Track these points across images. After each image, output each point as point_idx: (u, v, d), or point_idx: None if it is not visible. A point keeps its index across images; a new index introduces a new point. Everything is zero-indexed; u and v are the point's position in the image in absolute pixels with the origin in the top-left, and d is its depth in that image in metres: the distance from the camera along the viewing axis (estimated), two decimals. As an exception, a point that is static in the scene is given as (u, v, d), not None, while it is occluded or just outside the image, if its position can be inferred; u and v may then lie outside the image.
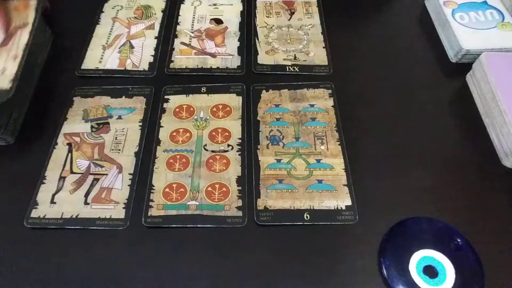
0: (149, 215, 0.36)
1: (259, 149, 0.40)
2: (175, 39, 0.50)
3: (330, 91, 0.44)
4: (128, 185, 0.38)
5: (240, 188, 0.37)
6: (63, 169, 0.39)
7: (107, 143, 0.41)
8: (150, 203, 0.37)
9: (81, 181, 0.38)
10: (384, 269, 0.33)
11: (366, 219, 0.36)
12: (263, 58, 0.47)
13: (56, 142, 0.41)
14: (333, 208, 0.36)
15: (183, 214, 0.36)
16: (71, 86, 0.45)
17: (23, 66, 0.41)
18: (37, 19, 0.44)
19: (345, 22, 0.51)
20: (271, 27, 0.50)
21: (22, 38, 0.42)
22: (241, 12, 0.52)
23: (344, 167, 0.38)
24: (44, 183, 0.38)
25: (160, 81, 0.46)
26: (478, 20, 0.47)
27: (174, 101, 0.44)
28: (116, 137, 0.41)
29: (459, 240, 0.34)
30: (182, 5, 0.53)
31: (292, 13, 0.52)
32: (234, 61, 0.47)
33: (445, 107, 0.43)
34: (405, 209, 0.36)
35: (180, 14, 0.52)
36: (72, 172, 0.39)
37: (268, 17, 0.52)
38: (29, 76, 0.44)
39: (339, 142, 0.40)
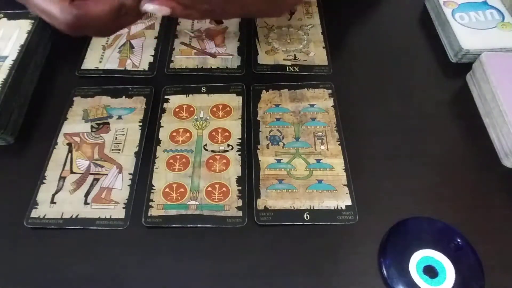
0: (149, 215, 0.36)
1: (259, 149, 0.40)
2: (175, 39, 0.50)
3: (330, 91, 0.44)
4: (128, 185, 0.38)
5: (240, 188, 0.37)
6: (63, 169, 0.39)
7: (107, 143, 0.41)
8: (150, 203, 0.37)
9: (81, 181, 0.38)
10: (384, 269, 0.33)
11: (366, 219, 0.36)
12: (263, 58, 0.47)
13: (56, 142, 0.41)
14: (333, 208, 0.36)
15: (183, 214, 0.36)
16: (71, 86, 0.45)
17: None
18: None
19: (345, 22, 0.51)
20: (271, 27, 0.50)
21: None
22: (241, 12, 0.52)
23: (344, 167, 0.38)
24: (44, 183, 0.38)
25: (160, 81, 0.46)
26: (478, 20, 0.47)
27: (174, 101, 0.44)
28: (116, 137, 0.41)
29: (459, 240, 0.34)
30: (182, 5, 0.53)
31: (292, 13, 0.52)
32: (234, 61, 0.47)
33: (445, 107, 0.43)
34: (405, 209, 0.36)
35: (180, 14, 0.52)
36: (72, 172, 0.39)
37: (268, 17, 0.52)
38: (28, 76, 0.45)
39: (339, 142, 0.40)
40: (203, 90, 0.45)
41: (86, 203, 0.37)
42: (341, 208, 0.36)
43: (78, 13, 0.27)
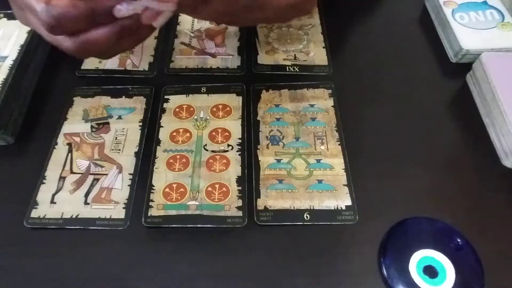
0: (149, 215, 0.36)
1: (259, 149, 0.40)
2: (175, 39, 0.50)
3: (330, 91, 0.44)
4: (128, 185, 0.38)
5: (240, 188, 0.37)
6: (63, 169, 0.39)
7: (107, 143, 0.41)
8: (150, 203, 0.37)
9: (81, 181, 0.38)
10: (384, 269, 0.33)
11: (366, 219, 0.36)
12: (263, 58, 0.47)
13: (56, 142, 0.41)
14: (333, 208, 0.36)
15: (183, 214, 0.36)
16: (71, 86, 0.45)
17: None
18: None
19: (345, 22, 0.51)
20: (271, 27, 0.50)
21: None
22: (241, 12, 0.52)
23: (344, 167, 0.38)
24: (44, 183, 0.38)
25: (160, 81, 0.46)
26: (478, 20, 0.47)
27: (174, 101, 0.44)
28: (116, 137, 0.41)
29: (459, 240, 0.34)
30: (182, 5, 0.53)
31: (292, 13, 0.52)
32: (234, 61, 0.47)
33: (445, 107, 0.43)
34: (405, 209, 0.36)
35: (180, 14, 0.52)
36: (72, 172, 0.39)
37: (268, 17, 0.52)
38: (28, 76, 0.45)
39: (339, 142, 0.40)
40: (203, 90, 0.45)
41: (86, 203, 0.37)
42: (341, 208, 0.36)
43: (80, 41, 0.30)
